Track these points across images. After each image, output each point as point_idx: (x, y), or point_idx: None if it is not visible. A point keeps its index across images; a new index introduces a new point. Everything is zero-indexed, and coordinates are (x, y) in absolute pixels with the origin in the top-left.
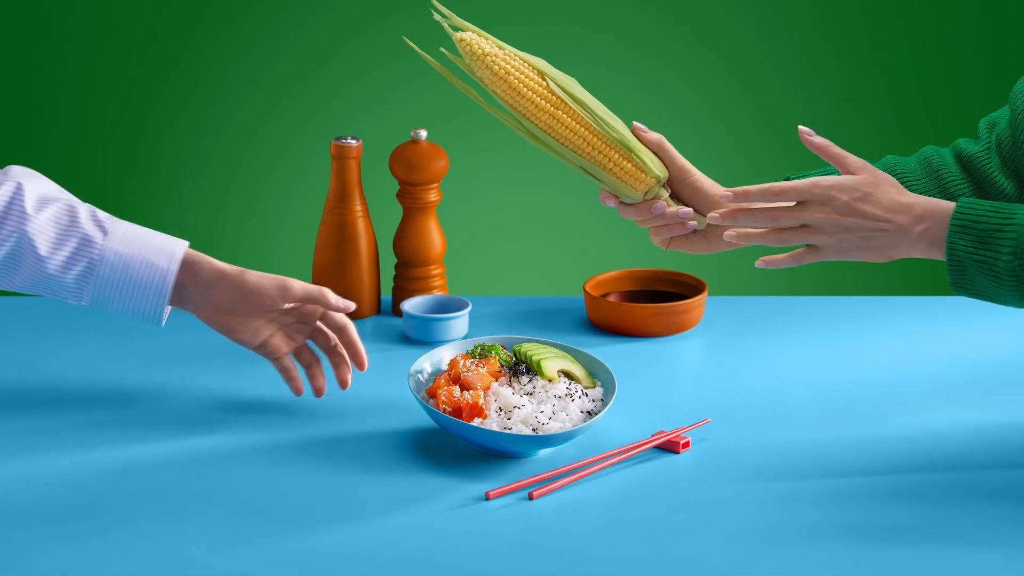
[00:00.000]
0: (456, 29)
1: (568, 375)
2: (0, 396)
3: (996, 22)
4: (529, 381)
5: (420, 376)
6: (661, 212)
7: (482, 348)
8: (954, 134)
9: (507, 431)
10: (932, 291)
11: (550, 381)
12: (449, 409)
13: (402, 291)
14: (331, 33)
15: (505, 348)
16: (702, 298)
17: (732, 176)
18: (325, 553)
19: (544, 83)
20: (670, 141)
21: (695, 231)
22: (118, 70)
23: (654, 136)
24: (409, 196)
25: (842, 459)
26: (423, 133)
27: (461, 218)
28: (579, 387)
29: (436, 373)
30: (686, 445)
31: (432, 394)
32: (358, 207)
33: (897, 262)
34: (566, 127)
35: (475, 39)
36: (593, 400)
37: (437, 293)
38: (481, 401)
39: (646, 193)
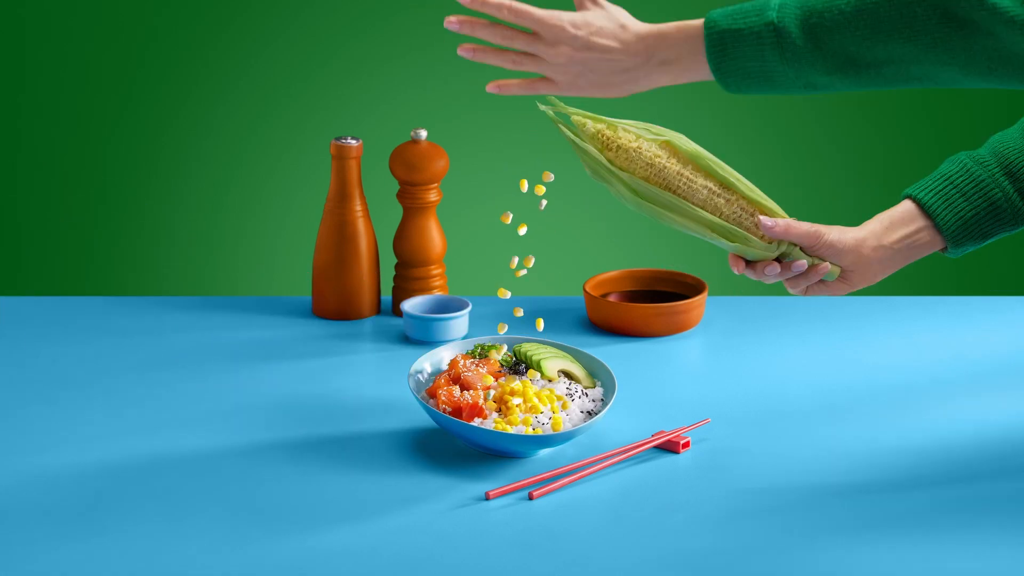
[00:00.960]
0: (561, 115)
1: (568, 375)
2: (0, 396)
3: None
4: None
5: (420, 376)
6: (801, 270)
7: (482, 348)
8: (954, 134)
9: (507, 431)
10: (932, 291)
11: (550, 381)
12: (449, 409)
13: (402, 291)
14: (331, 33)
15: (505, 348)
16: (702, 298)
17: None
18: (325, 553)
19: (677, 155)
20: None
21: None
22: (118, 70)
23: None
24: (409, 196)
25: (842, 459)
26: (423, 133)
27: (461, 218)
28: (579, 387)
29: (436, 373)
30: (686, 445)
31: (432, 394)
32: (358, 207)
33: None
34: (711, 192)
35: (616, 135)
36: (593, 400)
37: (437, 293)
38: (481, 401)
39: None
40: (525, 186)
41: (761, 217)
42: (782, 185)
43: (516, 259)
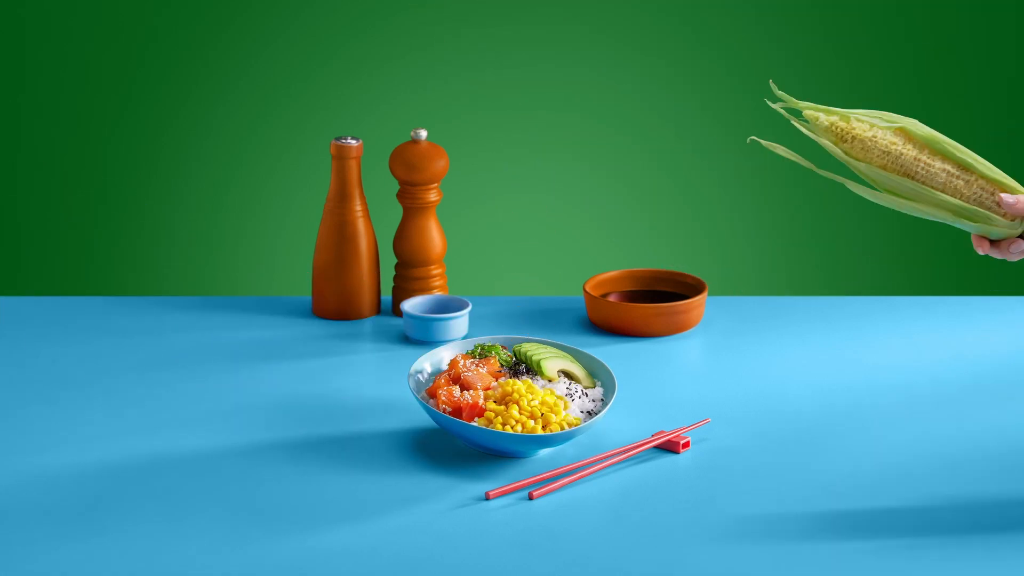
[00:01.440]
0: (793, 111)
1: (568, 375)
2: (0, 396)
3: (996, 22)
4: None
5: (420, 376)
6: None
7: (482, 348)
8: (954, 134)
9: (507, 431)
10: (932, 291)
11: (550, 381)
12: (449, 409)
13: (402, 291)
14: (331, 33)
15: (505, 348)
16: (702, 298)
17: (732, 176)
18: (325, 553)
19: (913, 140)
20: (669, 141)
21: None
22: (118, 70)
23: None
24: (409, 196)
25: (842, 459)
26: (423, 133)
27: (461, 218)
28: (579, 387)
29: (436, 373)
30: (686, 445)
31: (432, 394)
32: (358, 207)
33: (898, 261)
34: (950, 175)
35: (850, 126)
36: (593, 400)
37: (437, 293)
38: (481, 401)
39: None
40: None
41: (1003, 195)
42: (782, 185)
43: None
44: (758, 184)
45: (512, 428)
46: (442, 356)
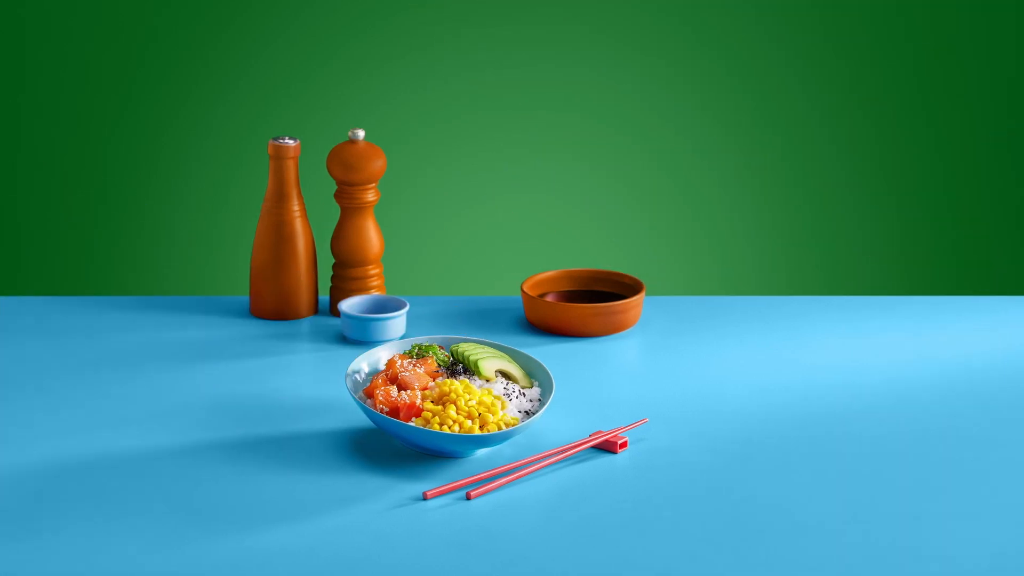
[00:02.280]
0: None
1: (506, 375)
2: None
3: (996, 22)
4: None
5: (357, 376)
6: None
7: (419, 348)
8: (954, 134)
9: (444, 431)
10: (932, 291)
11: (488, 381)
12: (386, 409)
13: (339, 291)
14: (331, 33)
15: (442, 348)
16: (639, 298)
17: (731, 176)
18: (263, 553)
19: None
20: (669, 141)
21: None
22: (118, 70)
23: None
24: (347, 196)
25: (778, 458)
26: (360, 133)
27: (461, 218)
28: (516, 387)
29: (373, 373)
30: (624, 445)
31: (369, 394)
32: (296, 207)
33: (898, 261)
34: None
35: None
36: (530, 400)
37: (374, 293)
38: (418, 401)
39: None
40: None
41: None
42: (782, 185)
43: None
44: (758, 184)
45: (449, 428)
46: (379, 356)
